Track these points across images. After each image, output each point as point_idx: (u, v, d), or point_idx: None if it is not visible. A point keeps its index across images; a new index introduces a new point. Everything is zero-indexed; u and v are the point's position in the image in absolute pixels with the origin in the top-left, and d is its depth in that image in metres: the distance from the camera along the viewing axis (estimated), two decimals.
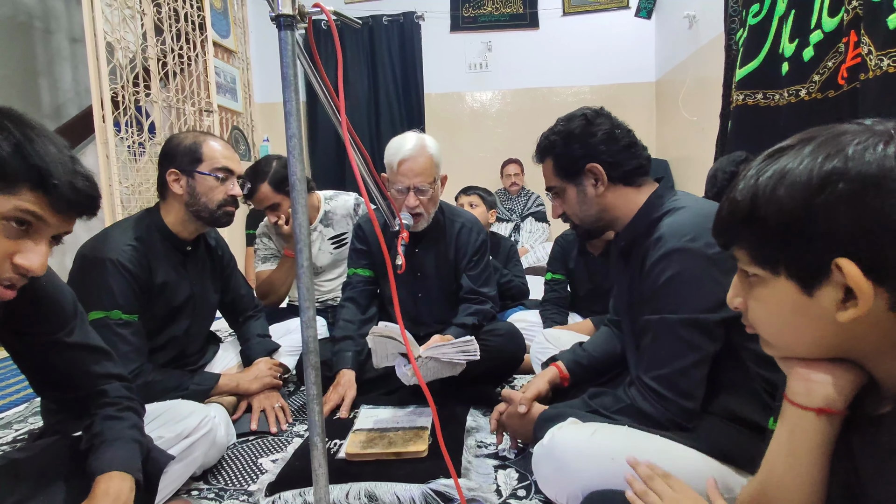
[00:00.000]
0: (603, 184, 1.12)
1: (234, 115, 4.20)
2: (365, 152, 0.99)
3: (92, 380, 0.96)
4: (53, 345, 0.91)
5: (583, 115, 1.14)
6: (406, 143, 1.60)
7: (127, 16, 2.95)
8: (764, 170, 0.54)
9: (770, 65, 2.34)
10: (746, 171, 0.57)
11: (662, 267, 1.00)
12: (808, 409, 0.57)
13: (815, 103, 2.07)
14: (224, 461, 1.36)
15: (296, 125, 0.84)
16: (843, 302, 0.50)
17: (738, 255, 0.58)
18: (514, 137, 4.46)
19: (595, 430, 0.99)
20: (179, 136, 1.48)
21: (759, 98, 2.43)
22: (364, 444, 1.28)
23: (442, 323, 1.73)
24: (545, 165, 1.20)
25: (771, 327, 0.59)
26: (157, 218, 1.46)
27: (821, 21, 2.02)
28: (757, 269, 0.56)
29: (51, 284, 0.91)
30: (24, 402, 1.92)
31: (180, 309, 1.50)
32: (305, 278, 0.87)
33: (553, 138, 1.16)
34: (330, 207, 2.26)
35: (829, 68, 1.99)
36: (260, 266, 2.27)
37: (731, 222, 0.57)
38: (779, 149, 0.55)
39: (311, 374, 0.87)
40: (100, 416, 0.93)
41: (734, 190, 0.57)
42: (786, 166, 0.52)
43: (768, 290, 0.56)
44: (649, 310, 1.04)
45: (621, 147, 1.12)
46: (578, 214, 1.18)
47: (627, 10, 4.29)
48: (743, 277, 0.60)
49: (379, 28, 4.45)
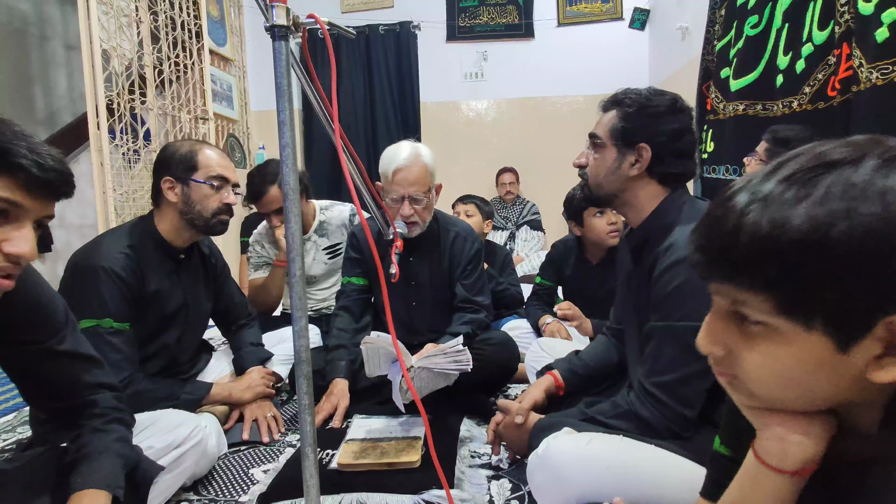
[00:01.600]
0: (640, 168, 1.09)
1: (230, 123, 4.20)
2: (359, 161, 0.99)
3: (81, 389, 0.95)
4: (44, 353, 0.90)
5: (673, 99, 1.10)
6: (401, 153, 1.60)
7: (123, 23, 2.96)
8: (807, 190, 0.41)
9: (768, 76, 2.38)
10: (757, 190, 0.44)
11: (672, 275, 1.00)
12: (783, 472, 0.52)
13: (806, 114, 2.10)
14: (215, 471, 1.34)
15: (290, 135, 0.84)
16: (877, 358, 0.43)
17: (744, 300, 0.46)
18: (509, 146, 4.48)
19: (590, 440, 0.98)
20: (175, 144, 1.48)
21: (758, 109, 2.46)
22: (356, 454, 1.27)
23: (436, 331, 1.73)
24: (605, 115, 1.14)
25: (771, 385, 0.48)
26: (150, 226, 1.45)
27: (811, 34, 2.06)
28: (780, 320, 0.44)
29: (41, 292, 0.90)
30: (12, 412, 1.89)
31: (173, 317, 1.49)
32: (298, 288, 0.87)
33: (634, 97, 1.10)
34: (325, 217, 2.27)
35: (819, 80, 2.02)
36: (252, 274, 2.27)
37: (753, 259, 0.43)
38: (817, 163, 0.43)
39: (304, 384, 0.87)
40: (86, 429, 0.92)
41: (748, 216, 0.43)
42: (853, 187, 0.40)
43: (786, 346, 0.45)
44: (656, 316, 1.03)
45: (679, 149, 1.09)
46: (600, 178, 1.13)
47: (621, 21, 4.33)
48: (730, 320, 0.49)
49: (375, 37, 4.47)
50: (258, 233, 2.31)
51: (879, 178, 0.40)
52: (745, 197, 0.45)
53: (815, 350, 0.44)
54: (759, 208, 0.43)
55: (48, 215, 0.78)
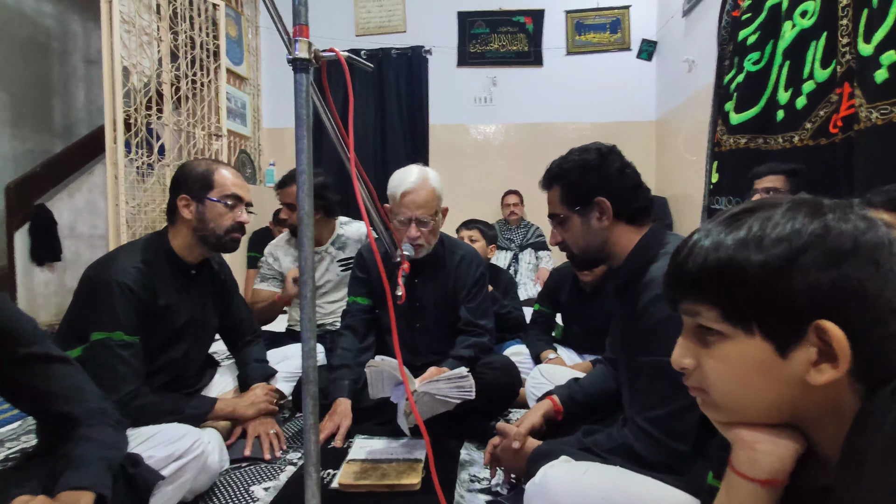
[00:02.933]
0: (608, 218, 1.14)
1: (242, 140, 4.28)
2: (371, 188, 1.03)
3: (62, 396, 0.98)
4: (18, 362, 0.93)
5: (597, 149, 1.17)
6: (409, 176, 1.64)
7: (144, 42, 3.05)
8: (736, 228, 0.54)
9: (768, 111, 2.43)
10: (708, 229, 0.56)
11: (654, 309, 1.03)
12: (754, 481, 0.56)
13: (807, 149, 2.14)
14: (216, 488, 1.35)
15: (307, 161, 0.88)
16: (814, 364, 0.50)
17: (699, 311, 0.56)
18: (515, 170, 4.54)
19: (587, 470, 0.99)
20: (193, 163, 1.52)
21: (759, 143, 2.50)
22: (357, 474, 1.28)
23: (439, 354, 1.74)
24: (552, 192, 1.21)
25: (728, 389, 0.56)
26: (164, 241, 1.49)
27: (813, 72, 2.11)
28: (726, 326, 0.54)
29: (4, 311, 0.93)
30: (17, 420, 1.91)
31: (181, 332, 1.52)
32: (308, 310, 0.89)
33: (567, 166, 1.17)
34: (344, 232, 2.35)
35: (821, 117, 2.06)
36: (258, 284, 2.37)
37: (699, 277, 0.55)
38: (744, 210, 0.55)
39: (310, 404, 0.89)
40: (74, 436, 0.94)
41: (697, 246, 0.56)
42: (768, 223, 0.52)
43: (735, 349, 0.54)
44: (643, 352, 1.06)
45: (631, 185, 1.15)
46: (580, 244, 1.19)
47: (629, 52, 4.42)
48: (695, 336, 0.58)
49: (388, 61, 4.58)
50: (275, 244, 2.38)
51: (785, 219, 0.52)
52: (698, 235, 0.57)
53: (758, 353, 0.53)
54: (703, 240, 0.56)
55: None
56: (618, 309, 1.21)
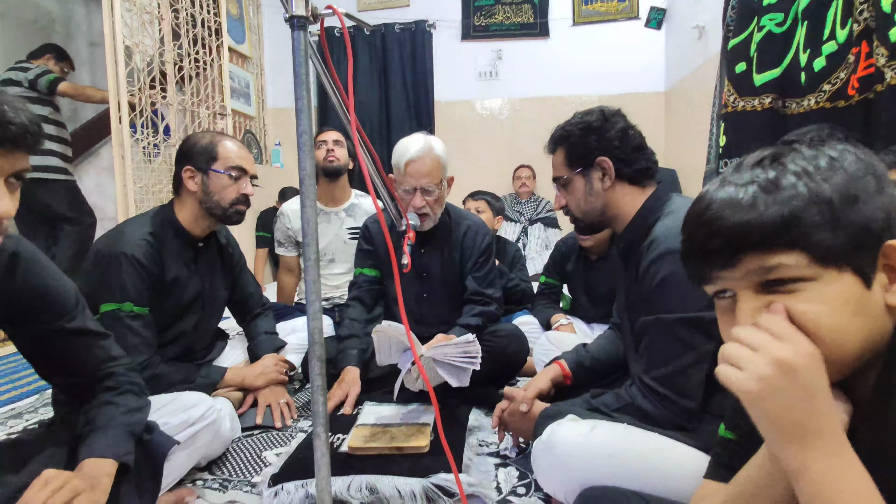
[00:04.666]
0: (610, 178, 1.14)
1: (246, 119, 4.27)
2: (374, 152, 1.02)
3: (93, 363, 0.99)
4: (54, 333, 0.94)
5: (600, 111, 1.18)
6: (413, 145, 1.63)
7: (146, 21, 3.02)
8: (782, 170, 0.51)
9: (790, 73, 2.37)
10: (751, 177, 0.52)
11: (656, 269, 1.02)
12: None
13: (823, 112, 2.08)
14: (229, 453, 1.38)
15: (306, 122, 0.87)
16: (886, 288, 0.51)
17: (773, 265, 0.50)
18: (522, 145, 4.48)
19: (594, 426, 1.00)
20: (197, 135, 1.52)
21: (779, 105, 2.44)
22: (367, 438, 1.30)
23: (446, 324, 1.75)
24: (556, 155, 1.22)
25: (825, 335, 0.50)
26: (170, 214, 1.49)
27: (834, 32, 2.04)
28: (815, 269, 0.50)
29: (48, 276, 0.94)
30: (35, 394, 1.95)
31: (190, 305, 1.53)
32: (312, 272, 0.89)
33: (570, 128, 1.18)
34: (358, 202, 2.40)
35: (842, 79, 2.01)
36: (278, 249, 2.48)
37: (779, 223, 0.50)
38: (771, 157, 0.53)
39: (317, 366, 0.89)
40: (95, 403, 0.96)
41: (756, 194, 0.51)
42: (811, 160, 0.51)
43: (827, 291, 0.50)
44: (646, 311, 1.05)
45: (633, 146, 1.15)
46: (582, 207, 1.19)
47: (637, 20, 4.32)
48: (762, 296, 0.52)
49: (391, 36, 4.51)
50: (288, 206, 2.43)
51: (820, 152, 0.52)
52: (740, 187, 0.53)
53: (849, 289, 0.50)
54: (758, 188, 0.51)
55: (21, 169, 0.75)
56: (622, 271, 1.21)
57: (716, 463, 0.69)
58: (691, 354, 0.99)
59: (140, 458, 1.00)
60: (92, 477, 0.83)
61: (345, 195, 2.38)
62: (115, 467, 0.88)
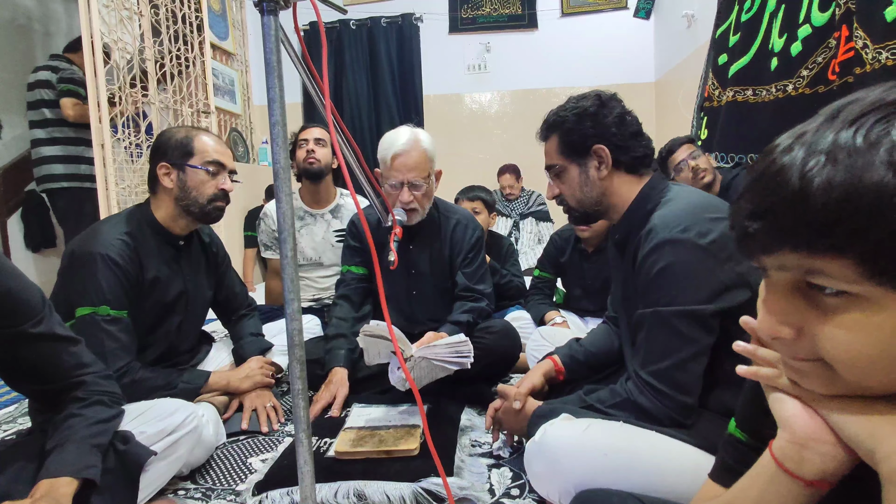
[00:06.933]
0: (607, 167, 1.09)
1: (232, 117, 4.20)
2: (352, 140, 0.97)
3: (61, 370, 0.95)
4: (18, 337, 0.89)
5: (596, 95, 1.12)
6: (399, 138, 1.58)
7: (124, 17, 2.95)
8: (885, 135, 0.37)
9: (760, 60, 2.33)
10: (828, 136, 0.39)
11: (654, 259, 0.98)
12: (796, 478, 0.47)
13: (802, 98, 2.05)
14: (212, 461, 1.33)
15: (279, 112, 0.83)
16: None
17: (820, 268, 0.40)
18: (513, 139, 4.44)
19: (588, 426, 0.96)
20: (171, 129, 1.47)
21: (748, 94, 2.41)
22: (354, 441, 1.25)
23: (436, 321, 1.71)
24: (549, 142, 1.16)
25: (865, 364, 0.41)
26: (147, 213, 1.44)
27: (810, 16, 2.01)
28: (867, 287, 0.38)
29: (12, 280, 0.89)
30: (13, 403, 1.90)
31: (173, 304, 1.48)
32: (290, 270, 0.85)
33: (564, 114, 1.12)
34: (343, 203, 2.33)
35: (819, 63, 1.97)
36: (265, 253, 2.40)
37: (831, 218, 0.37)
38: (889, 103, 0.38)
39: (297, 369, 0.85)
40: (61, 417, 0.92)
41: (817, 166, 0.38)
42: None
43: (877, 313, 0.39)
44: (643, 303, 1.01)
45: (630, 133, 1.10)
46: (577, 196, 1.14)
47: (626, 10, 4.28)
48: (800, 295, 0.43)
49: (378, 30, 4.45)
50: (270, 207, 2.36)
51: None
52: (803, 151, 0.40)
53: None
54: (826, 161, 0.38)
55: None
56: (618, 263, 1.17)
57: (721, 463, 0.65)
58: (689, 348, 0.95)
59: (114, 470, 0.95)
60: (50, 498, 0.79)
61: (329, 196, 2.32)
62: (73, 485, 0.83)
